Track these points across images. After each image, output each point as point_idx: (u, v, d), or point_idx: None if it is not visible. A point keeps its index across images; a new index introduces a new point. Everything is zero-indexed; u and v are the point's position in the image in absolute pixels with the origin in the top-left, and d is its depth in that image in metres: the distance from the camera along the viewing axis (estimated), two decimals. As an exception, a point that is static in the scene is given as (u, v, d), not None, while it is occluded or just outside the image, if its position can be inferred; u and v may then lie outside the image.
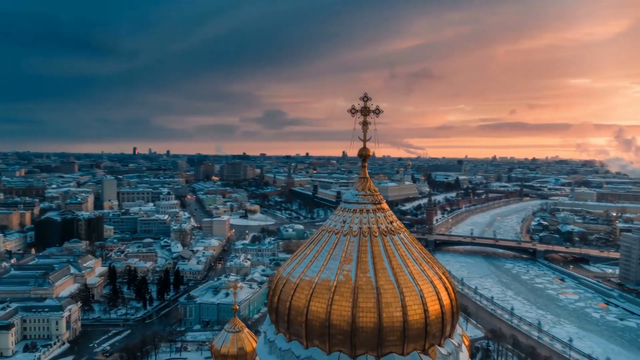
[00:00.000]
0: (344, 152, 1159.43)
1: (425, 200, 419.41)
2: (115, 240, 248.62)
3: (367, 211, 35.10)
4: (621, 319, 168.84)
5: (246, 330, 48.85)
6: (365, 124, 36.14)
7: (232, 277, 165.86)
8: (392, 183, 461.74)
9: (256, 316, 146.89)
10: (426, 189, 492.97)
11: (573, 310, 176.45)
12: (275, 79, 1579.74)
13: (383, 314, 30.56)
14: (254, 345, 48.05)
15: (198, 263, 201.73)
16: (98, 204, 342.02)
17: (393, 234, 34.73)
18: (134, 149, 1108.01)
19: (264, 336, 35.97)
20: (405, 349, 30.84)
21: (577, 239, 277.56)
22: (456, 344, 33.78)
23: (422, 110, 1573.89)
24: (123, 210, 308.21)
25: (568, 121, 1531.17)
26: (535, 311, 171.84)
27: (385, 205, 36.54)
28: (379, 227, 34.45)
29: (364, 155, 36.93)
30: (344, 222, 35.13)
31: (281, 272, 35.47)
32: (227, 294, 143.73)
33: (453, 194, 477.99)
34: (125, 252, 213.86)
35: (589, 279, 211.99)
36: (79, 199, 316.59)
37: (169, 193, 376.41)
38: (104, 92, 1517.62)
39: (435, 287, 32.47)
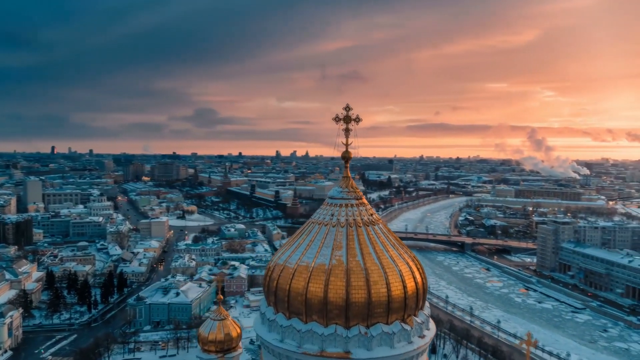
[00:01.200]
0: (277, 152, 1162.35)
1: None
2: (46, 245, 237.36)
3: (351, 205, 41.34)
4: (539, 302, 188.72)
5: (230, 318, 53.43)
6: (347, 130, 42.39)
7: (179, 278, 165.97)
8: (328, 182, 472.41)
9: (207, 314, 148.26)
10: (361, 187, 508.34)
11: (499, 296, 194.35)
12: (205, 76, 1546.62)
13: (372, 290, 36.83)
14: (239, 331, 52.86)
15: (140, 265, 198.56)
16: (21, 206, 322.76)
17: (373, 224, 41.22)
18: (53, 147, 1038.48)
19: (262, 317, 40.93)
20: (389, 319, 37.31)
21: (499, 232, 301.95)
22: (427, 315, 40.89)
23: (352, 110, 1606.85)
24: (53, 213, 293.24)
25: (487, 122, 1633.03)
26: (467, 298, 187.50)
27: (365, 200, 43.01)
28: (362, 219, 40.81)
29: (346, 157, 43.16)
30: (332, 215, 41.12)
31: (277, 260, 40.70)
32: (177, 294, 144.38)
33: (386, 192, 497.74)
34: (60, 257, 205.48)
35: (511, 268, 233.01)
36: (1, 202, 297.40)
37: (101, 194, 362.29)
38: (17, 87, 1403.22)
39: (410, 268, 39.29)
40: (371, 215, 41.65)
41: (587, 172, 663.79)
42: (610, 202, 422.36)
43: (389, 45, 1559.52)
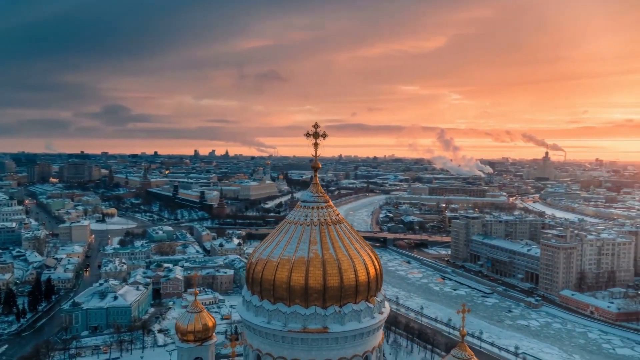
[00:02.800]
0: (196, 151, 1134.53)
1: (284, 198, 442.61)
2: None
3: (321, 207, 49.92)
4: (454, 289, 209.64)
5: (205, 310, 59.81)
6: (316, 144, 50.93)
7: (112, 282, 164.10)
8: (253, 182, 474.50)
9: (145, 316, 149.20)
10: (285, 187, 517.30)
11: (419, 286, 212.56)
12: (116, 71, 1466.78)
13: (343, 277, 45.57)
14: (214, 321, 59.44)
15: (66, 271, 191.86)
16: None
17: (340, 223, 50.09)
18: None
19: (248, 304, 48.14)
20: (356, 299, 46.26)
21: (417, 227, 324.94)
22: (383, 295, 50.50)
23: (271, 110, 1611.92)
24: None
25: (401, 123, 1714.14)
26: (391, 289, 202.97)
27: (331, 204, 51.73)
28: (330, 219, 49.55)
29: (315, 167, 51.72)
30: (306, 216, 49.48)
31: (260, 256, 48.20)
32: (115, 298, 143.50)
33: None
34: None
35: (429, 260, 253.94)
36: None
37: (11, 198, 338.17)
38: None
39: (370, 257, 48.65)
40: (337, 215, 50.50)
41: (490, 170, 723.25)
42: (511, 198, 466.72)
43: (308, 46, 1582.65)
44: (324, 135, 51.34)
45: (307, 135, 51.23)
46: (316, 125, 51.32)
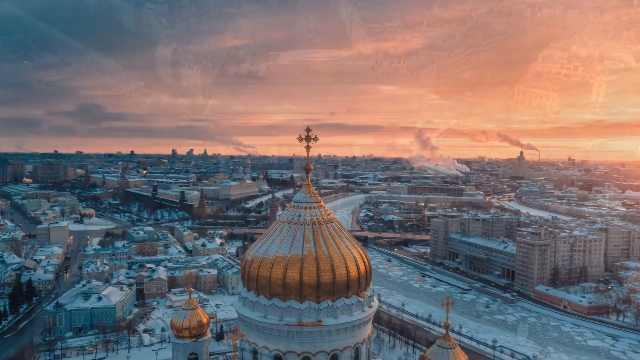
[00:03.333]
0: (173, 150, 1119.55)
1: (265, 198, 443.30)
2: None
3: (313, 207, 52.65)
4: (434, 286, 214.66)
5: (199, 307, 61.91)
6: (308, 147, 53.62)
7: (95, 282, 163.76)
8: (234, 182, 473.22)
9: (130, 317, 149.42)
10: (265, 187, 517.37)
11: (400, 284, 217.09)
12: (91, 69, 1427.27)
13: (335, 273, 48.32)
14: (208, 318, 61.61)
15: (46, 272, 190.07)
16: None
17: (331, 222, 52.91)
18: None
19: (244, 300, 50.58)
20: (348, 294, 49.11)
21: (397, 226, 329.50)
22: (372, 290, 53.51)
23: (249, 109, 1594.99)
24: None
25: (379, 123, 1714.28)
26: (373, 287, 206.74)
27: (322, 204, 54.57)
28: (322, 218, 52.34)
29: (307, 169, 54.53)
30: (299, 215, 52.11)
31: (255, 254, 50.71)
32: (99, 298, 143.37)
33: (290, 191, 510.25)
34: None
35: (409, 258, 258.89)
36: None
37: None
38: None
39: (360, 254, 51.56)
40: (328, 215, 53.30)
41: (467, 169, 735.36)
42: (487, 197, 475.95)
43: (286, 46, 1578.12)
44: (316, 139, 54.05)
45: (300, 138, 53.83)
46: (308, 129, 53.93)
